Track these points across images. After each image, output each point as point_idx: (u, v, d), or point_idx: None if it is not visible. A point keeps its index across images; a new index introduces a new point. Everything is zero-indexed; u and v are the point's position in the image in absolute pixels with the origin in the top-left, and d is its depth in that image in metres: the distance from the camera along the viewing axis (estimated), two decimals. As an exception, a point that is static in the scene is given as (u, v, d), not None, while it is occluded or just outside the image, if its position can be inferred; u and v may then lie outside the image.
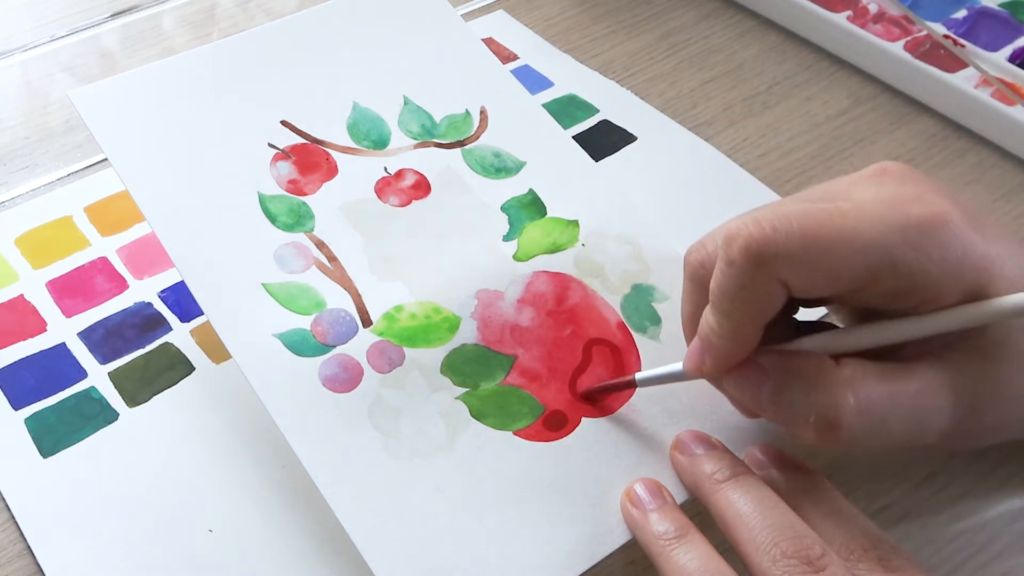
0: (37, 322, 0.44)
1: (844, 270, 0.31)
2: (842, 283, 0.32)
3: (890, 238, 0.31)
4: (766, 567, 0.30)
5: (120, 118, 0.40)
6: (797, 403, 0.32)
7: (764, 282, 0.31)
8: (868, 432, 0.32)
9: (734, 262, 0.31)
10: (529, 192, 0.42)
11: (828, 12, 0.59)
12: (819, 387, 0.32)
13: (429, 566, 0.33)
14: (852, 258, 0.31)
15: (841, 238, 0.31)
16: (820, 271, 0.31)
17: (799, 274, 0.31)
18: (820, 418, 0.32)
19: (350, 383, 0.36)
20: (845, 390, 0.31)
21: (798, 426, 0.32)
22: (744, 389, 0.34)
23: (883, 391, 0.32)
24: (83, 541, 0.37)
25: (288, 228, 0.39)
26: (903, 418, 0.32)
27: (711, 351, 0.33)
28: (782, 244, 0.31)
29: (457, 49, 0.46)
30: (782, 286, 0.31)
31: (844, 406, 0.31)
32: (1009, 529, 0.38)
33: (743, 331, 0.33)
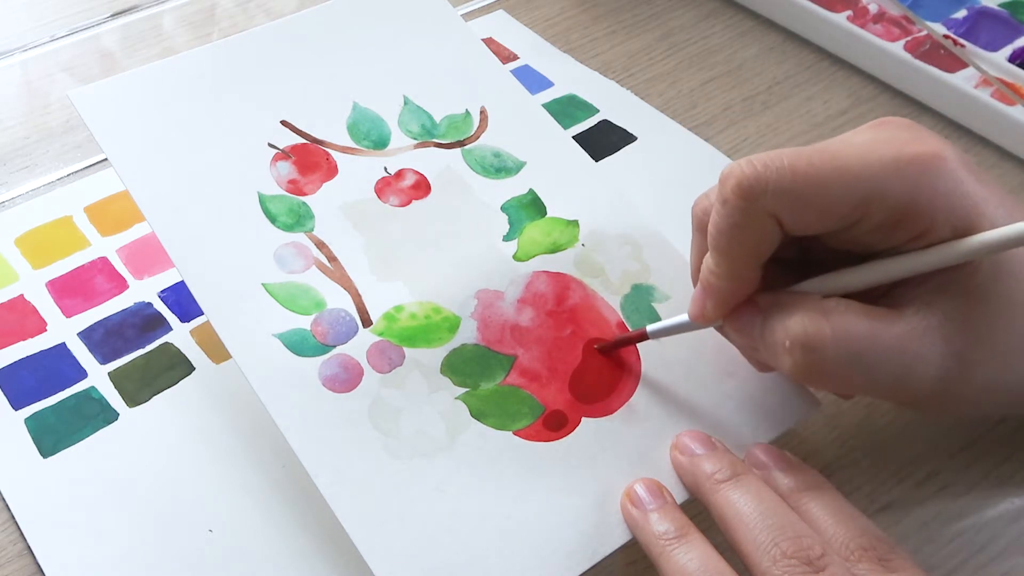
0: (37, 322, 0.44)
1: (835, 203, 0.32)
2: (834, 217, 0.32)
3: (881, 171, 0.32)
4: (766, 567, 0.30)
5: (120, 118, 0.40)
6: (777, 330, 0.33)
7: (756, 217, 0.32)
8: (846, 367, 0.32)
9: (728, 200, 0.32)
10: (529, 192, 0.42)
11: (828, 12, 0.59)
12: (798, 315, 0.32)
13: (429, 566, 0.33)
14: (843, 190, 0.32)
15: (832, 172, 0.32)
16: (811, 204, 0.32)
17: (791, 208, 0.32)
18: (795, 342, 0.32)
19: (350, 383, 0.36)
20: (823, 319, 0.32)
21: (778, 353, 0.33)
22: (742, 330, 0.34)
23: (863, 326, 0.32)
24: (83, 541, 0.37)
25: (288, 228, 0.39)
26: (886, 360, 0.32)
27: (711, 293, 0.34)
28: (772, 179, 0.31)
29: (457, 49, 0.46)
30: (775, 222, 0.32)
31: (820, 333, 0.32)
32: (1009, 529, 0.38)
33: (739, 270, 0.33)
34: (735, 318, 0.34)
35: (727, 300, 0.34)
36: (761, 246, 0.33)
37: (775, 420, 0.37)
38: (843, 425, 0.41)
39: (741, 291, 0.34)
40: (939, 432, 0.41)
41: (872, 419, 0.42)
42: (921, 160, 0.32)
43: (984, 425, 0.41)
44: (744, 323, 0.34)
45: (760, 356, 0.35)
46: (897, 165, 0.32)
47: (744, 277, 0.33)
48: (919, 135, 0.34)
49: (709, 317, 0.35)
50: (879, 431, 0.41)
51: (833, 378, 0.33)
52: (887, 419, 0.42)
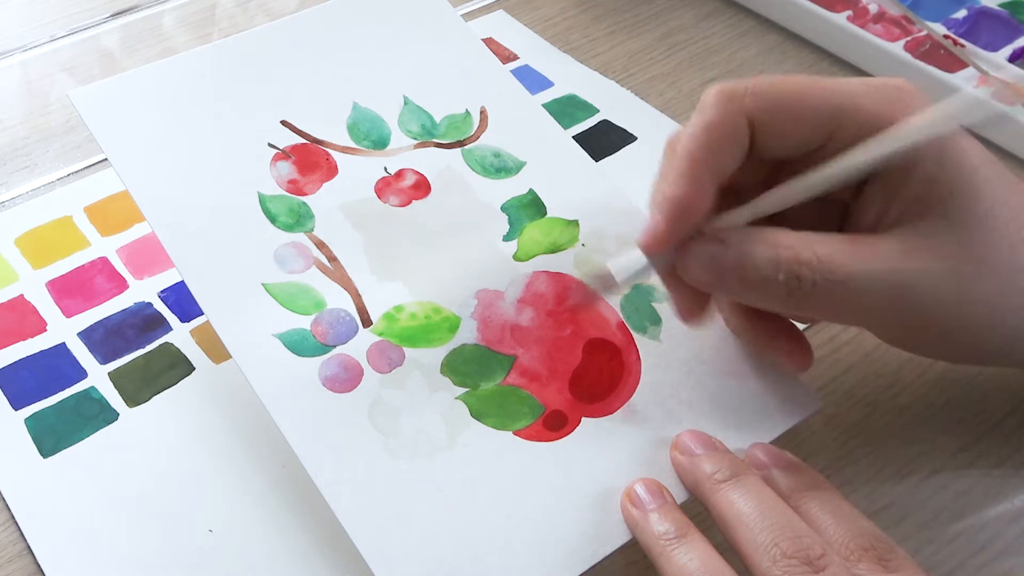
0: (37, 322, 0.44)
1: (809, 112, 0.33)
2: (807, 129, 0.33)
3: (852, 87, 0.33)
4: (766, 567, 0.30)
5: (120, 118, 0.40)
6: (762, 266, 0.33)
7: (732, 117, 0.33)
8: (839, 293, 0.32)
9: (706, 103, 0.33)
10: (529, 192, 0.42)
11: (828, 12, 0.59)
12: (782, 246, 0.32)
13: (429, 566, 0.33)
14: (816, 97, 0.33)
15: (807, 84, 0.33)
16: (787, 110, 0.33)
17: (767, 112, 0.33)
18: (788, 274, 0.32)
19: (350, 383, 0.36)
20: (807, 246, 0.32)
21: (767, 289, 0.33)
22: (704, 265, 0.34)
23: (848, 249, 0.32)
24: (83, 541, 0.37)
25: (288, 228, 0.39)
26: (876, 279, 0.32)
27: (664, 208, 0.33)
28: (752, 84, 0.33)
29: (457, 49, 0.46)
30: (747, 128, 0.33)
31: (809, 260, 0.32)
32: (1009, 529, 0.38)
33: (701, 175, 0.33)
34: (696, 253, 0.34)
35: (681, 217, 0.33)
36: (728, 152, 0.33)
37: (775, 420, 0.37)
38: (843, 425, 0.41)
39: (696, 204, 0.33)
40: (939, 432, 0.41)
41: (872, 419, 0.42)
42: (896, 84, 0.34)
43: (984, 425, 0.42)
44: (707, 258, 0.34)
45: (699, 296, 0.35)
46: (868, 85, 0.33)
47: (702, 187, 0.33)
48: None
49: (660, 237, 0.34)
50: (879, 431, 0.41)
51: (826, 306, 0.33)
52: (887, 419, 0.42)
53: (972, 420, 0.42)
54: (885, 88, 0.33)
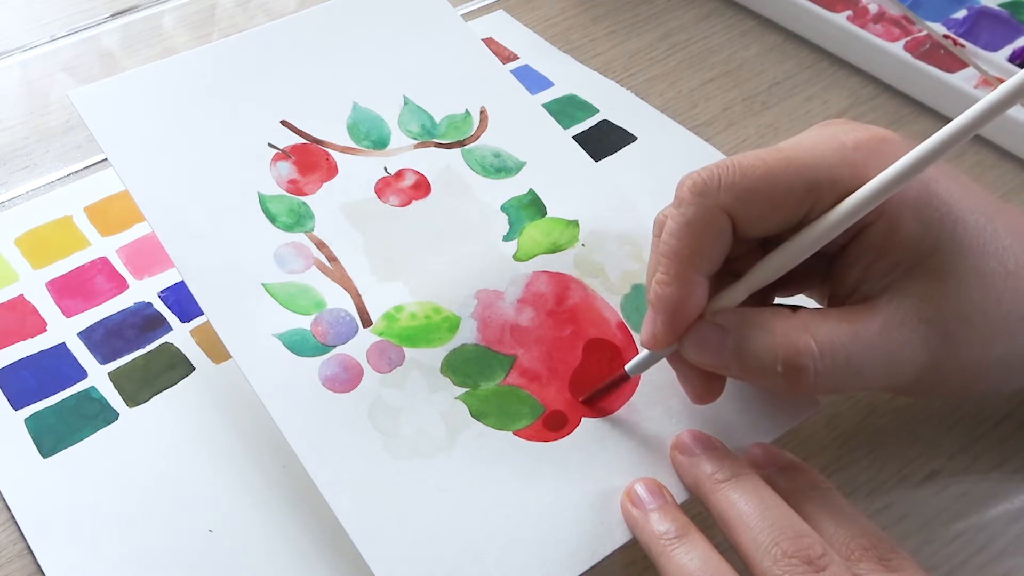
0: (37, 322, 0.44)
1: (784, 191, 0.33)
2: (785, 208, 0.33)
3: (828, 157, 0.33)
4: (767, 567, 0.30)
5: (120, 118, 0.40)
6: (761, 355, 0.33)
7: (709, 213, 0.33)
8: (836, 374, 0.32)
9: (683, 200, 0.33)
10: (529, 192, 0.42)
11: (828, 12, 0.59)
12: (779, 334, 0.32)
13: (429, 566, 0.33)
14: (792, 179, 0.32)
15: (780, 162, 0.33)
16: (763, 195, 0.33)
17: (743, 200, 0.32)
18: (786, 365, 0.32)
19: (350, 383, 0.36)
20: (806, 334, 0.32)
21: (767, 377, 0.33)
22: (704, 350, 0.34)
23: (845, 329, 0.32)
24: (83, 541, 0.37)
25: (288, 228, 0.39)
26: (873, 356, 0.32)
27: (659, 308, 0.34)
28: (724, 175, 0.33)
29: (457, 49, 0.46)
30: (727, 219, 0.33)
31: (807, 349, 0.32)
32: (1009, 529, 0.38)
33: (689, 274, 0.33)
34: (697, 339, 0.34)
35: (677, 315, 0.33)
36: (712, 247, 0.33)
37: (775, 420, 0.37)
38: (843, 425, 0.41)
39: (690, 303, 0.33)
40: (939, 432, 0.41)
41: (872, 419, 0.42)
42: (867, 144, 0.33)
43: (984, 425, 0.42)
44: (706, 343, 0.34)
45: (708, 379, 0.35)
46: (843, 152, 0.33)
47: (693, 285, 0.33)
48: (863, 126, 0.35)
49: (659, 338, 0.34)
50: (879, 431, 0.41)
51: (825, 388, 0.33)
52: (887, 419, 0.42)
53: (972, 421, 0.42)
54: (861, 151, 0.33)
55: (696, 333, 0.34)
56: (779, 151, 0.33)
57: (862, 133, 0.34)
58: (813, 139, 0.34)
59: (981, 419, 0.42)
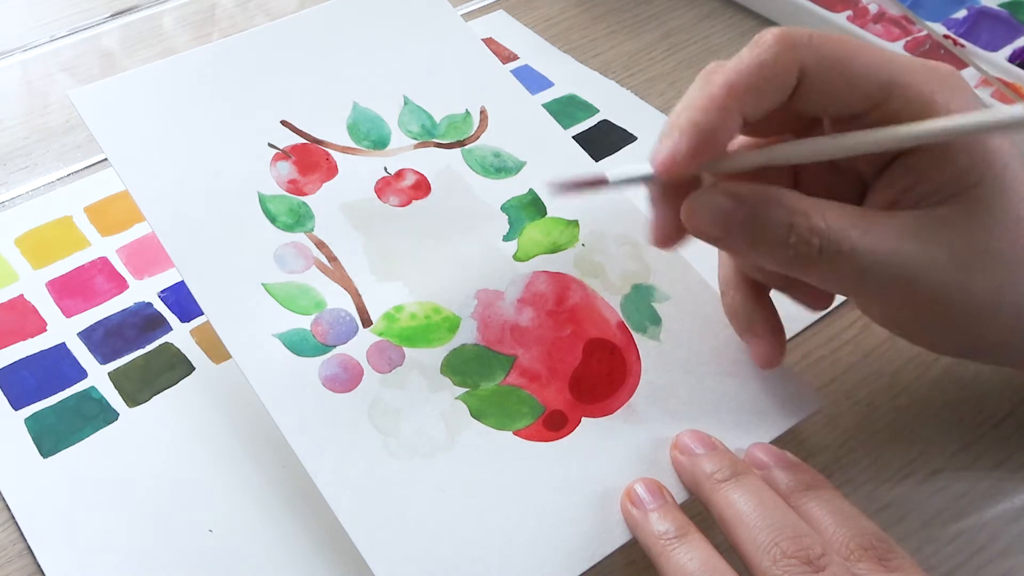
0: (37, 322, 0.44)
1: (861, 77, 0.33)
2: (855, 92, 0.33)
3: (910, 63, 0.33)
4: (766, 567, 0.30)
5: (120, 118, 0.40)
6: (775, 228, 0.32)
7: (784, 60, 0.32)
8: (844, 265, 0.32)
9: (763, 42, 0.33)
10: (529, 192, 0.42)
11: (828, 12, 0.59)
12: (797, 211, 0.32)
13: (429, 566, 0.33)
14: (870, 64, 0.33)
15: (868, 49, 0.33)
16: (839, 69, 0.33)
17: (820, 66, 0.32)
18: (800, 238, 0.32)
19: (350, 383, 0.36)
20: (820, 212, 0.32)
21: (775, 251, 0.33)
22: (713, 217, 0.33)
23: (858, 223, 0.32)
24: (83, 541, 0.37)
25: (288, 228, 0.39)
26: (885, 256, 0.32)
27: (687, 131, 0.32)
28: (815, 35, 0.33)
29: (457, 49, 0.46)
30: (796, 76, 0.32)
31: (818, 228, 0.32)
32: (1009, 529, 0.38)
33: (733, 106, 0.32)
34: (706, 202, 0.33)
35: (703, 142, 0.32)
36: (769, 95, 0.33)
37: (775, 420, 0.37)
38: (843, 425, 0.41)
39: (722, 134, 0.32)
40: (939, 432, 0.41)
41: (872, 419, 0.42)
42: (943, 68, 0.34)
43: (984, 425, 0.42)
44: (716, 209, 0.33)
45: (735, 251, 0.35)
46: (925, 65, 0.33)
47: (730, 118, 0.32)
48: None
49: (679, 161, 0.32)
50: (879, 431, 0.41)
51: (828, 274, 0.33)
52: (887, 419, 0.42)
53: (972, 420, 0.42)
54: (936, 72, 0.33)
55: (706, 200, 0.33)
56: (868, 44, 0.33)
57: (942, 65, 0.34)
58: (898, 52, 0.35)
59: (981, 418, 0.42)
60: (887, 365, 0.43)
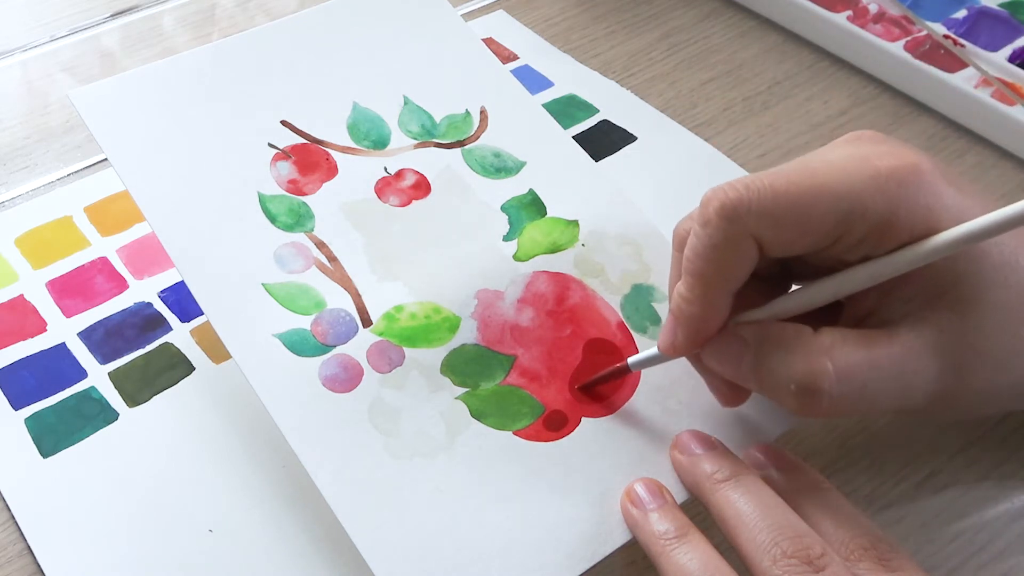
0: (37, 322, 0.44)
1: (815, 220, 0.32)
2: (814, 235, 0.32)
3: (859, 186, 0.32)
4: (766, 567, 0.30)
5: (120, 118, 0.40)
6: (778, 372, 0.32)
7: (737, 238, 0.32)
8: (850, 398, 0.32)
9: (709, 221, 0.32)
10: (529, 192, 0.42)
11: (828, 12, 0.59)
12: (798, 355, 0.32)
13: (429, 566, 0.33)
14: (822, 208, 0.32)
15: (812, 190, 0.32)
16: (792, 224, 0.32)
17: (772, 228, 0.32)
18: (800, 386, 0.32)
19: (350, 383, 0.36)
20: (824, 357, 0.32)
21: (780, 395, 0.33)
22: (724, 361, 0.34)
23: (863, 356, 0.32)
24: (83, 541, 0.37)
25: (288, 228, 0.39)
26: (886, 382, 0.32)
27: (682, 322, 0.34)
28: (755, 200, 0.31)
29: (457, 49, 0.46)
30: (754, 243, 0.32)
31: (824, 373, 0.31)
32: (1009, 529, 0.38)
33: (713, 295, 0.33)
34: (717, 350, 0.34)
35: (699, 329, 0.34)
36: (738, 270, 0.33)
37: (775, 420, 0.37)
38: (843, 425, 0.41)
39: (713, 319, 0.33)
40: (939, 432, 0.41)
41: (872, 419, 0.42)
42: (899, 174, 0.32)
43: (984, 425, 0.41)
44: (726, 355, 0.34)
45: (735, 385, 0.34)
46: (876, 181, 0.32)
47: (717, 304, 0.33)
48: (895, 148, 0.34)
49: (679, 349, 0.34)
50: (879, 431, 0.41)
51: (837, 411, 0.32)
52: (887, 419, 0.42)
53: (971, 421, 0.42)
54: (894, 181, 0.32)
55: (717, 343, 0.34)
56: (811, 174, 0.32)
57: (896, 160, 0.32)
58: (844, 160, 0.33)
59: (981, 419, 0.42)
60: (887, 365, 0.43)
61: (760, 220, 0.32)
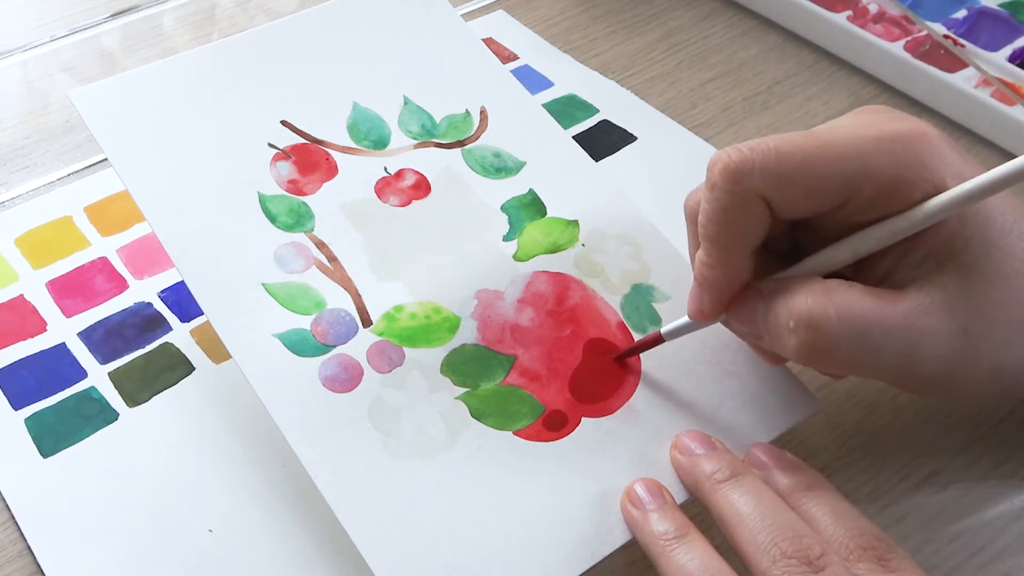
0: (37, 322, 0.44)
1: (822, 181, 0.32)
2: (822, 196, 0.33)
3: (867, 147, 0.32)
4: (766, 567, 0.30)
5: (120, 118, 0.40)
6: (780, 312, 0.33)
7: (745, 199, 0.32)
8: (852, 345, 0.32)
9: (715, 185, 0.33)
10: (529, 192, 0.42)
11: (828, 12, 0.59)
12: (800, 295, 0.32)
13: (429, 566, 0.33)
14: (827, 167, 0.32)
15: (818, 150, 0.32)
16: (799, 183, 0.32)
17: (779, 188, 0.32)
18: (799, 321, 0.32)
19: (350, 383, 0.36)
20: (825, 295, 0.32)
21: (781, 336, 0.33)
22: (745, 319, 0.34)
23: (868, 303, 0.32)
24: (83, 541, 0.37)
25: (288, 228, 0.39)
26: (892, 338, 0.32)
27: (706, 287, 0.34)
28: (759, 161, 0.32)
29: (457, 49, 0.46)
30: (763, 204, 0.32)
31: (823, 310, 0.32)
32: (1009, 529, 0.38)
33: (731, 257, 0.33)
34: (737, 308, 0.34)
35: (723, 291, 0.34)
36: (751, 230, 0.33)
37: (775, 420, 0.37)
38: (843, 425, 0.41)
39: (735, 280, 0.34)
40: (939, 432, 0.41)
41: (872, 419, 0.42)
42: (906, 136, 0.33)
43: (985, 424, 0.42)
44: (747, 311, 0.34)
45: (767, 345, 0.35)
46: (882, 142, 0.32)
47: (736, 265, 0.33)
48: (901, 116, 0.35)
49: (707, 312, 0.35)
50: (879, 431, 0.41)
51: (838, 358, 0.33)
52: (887, 419, 0.42)
53: (972, 420, 0.42)
54: (900, 143, 0.33)
55: (737, 303, 0.34)
56: (817, 137, 0.33)
57: (902, 124, 0.33)
58: (851, 125, 0.34)
59: (981, 419, 0.42)
60: (887, 365, 0.43)
61: (765, 180, 0.32)
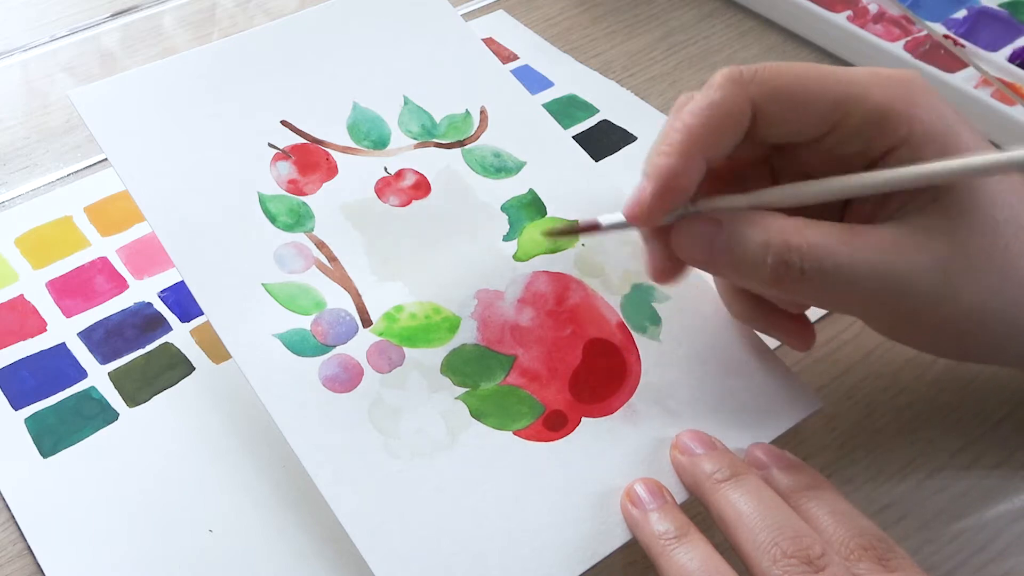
0: (37, 322, 0.44)
1: (815, 99, 0.33)
2: (811, 116, 0.33)
3: (861, 76, 0.34)
4: (766, 567, 0.30)
5: (120, 118, 0.40)
6: (751, 248, 0.33)
7: (735, 99, 0.33)
8: (827, 279, 0.32)
9: (713, 84, 0.34)
10: (529, 192, 0.42)
11: (828, 12, 0.59)
12: (773, 230, 0.33)
13: (429, 566, 0.33)
14: (823, 89, 0.33)
15: (814, 73, 0.34)
16: (791, 97, 0.33)
17: (771, 99, 0.33)
18: (777, 259, 0.32)
19: (350, 383, 0.36)
20: (799, 232, 0.33)
21: (756, 273, 0.33)
22: (694, 243, 0.34)
23: (840, 239, 0.33)
24: (83, 541, 0.37)
25: (288, 228, 0.39)
26: (866, 270, 0.32)
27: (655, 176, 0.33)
28: (760, 70, 0.33)
29: (457, 49, 0.46)
30: (749, 111, 0.33)
31: (799, 245, 0.32)
32: (1009, 529, 0.38)
33: (692, 148, 0.33)
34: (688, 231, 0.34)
35: (669, 186, 0.33)
36: (726, 132, 0.33)
37: (775, 420, 0.37)
38: (843, 425, 0.41)
39: (685, 177, 0.33)
40: (939, 432, 0.41)
41: (872, 419, 0.42)
42: (899, 75, 0.34)
43: (985, 424, 0.42)
44: (698, 235, 0.34)
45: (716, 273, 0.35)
46: (876, 76, 0.34)
47: (692, 159, 0.33)
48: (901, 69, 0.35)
49: (645, 207, 0.34)
50: (879, 431, 0.41)
51: (813, 292, 0.33)
52: (887, 419, 0.42)
53: (972, 420, 0.42)
54: (894, 80, 0.34)
55: (688, 225, 0.34)
56: (818, 68, 0.34)
57: (896, 71, 0.34)
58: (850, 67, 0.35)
59: (981, 419, 0.42)
60: (887, 365, 0.43)
61: (761, 88, 0.33)
